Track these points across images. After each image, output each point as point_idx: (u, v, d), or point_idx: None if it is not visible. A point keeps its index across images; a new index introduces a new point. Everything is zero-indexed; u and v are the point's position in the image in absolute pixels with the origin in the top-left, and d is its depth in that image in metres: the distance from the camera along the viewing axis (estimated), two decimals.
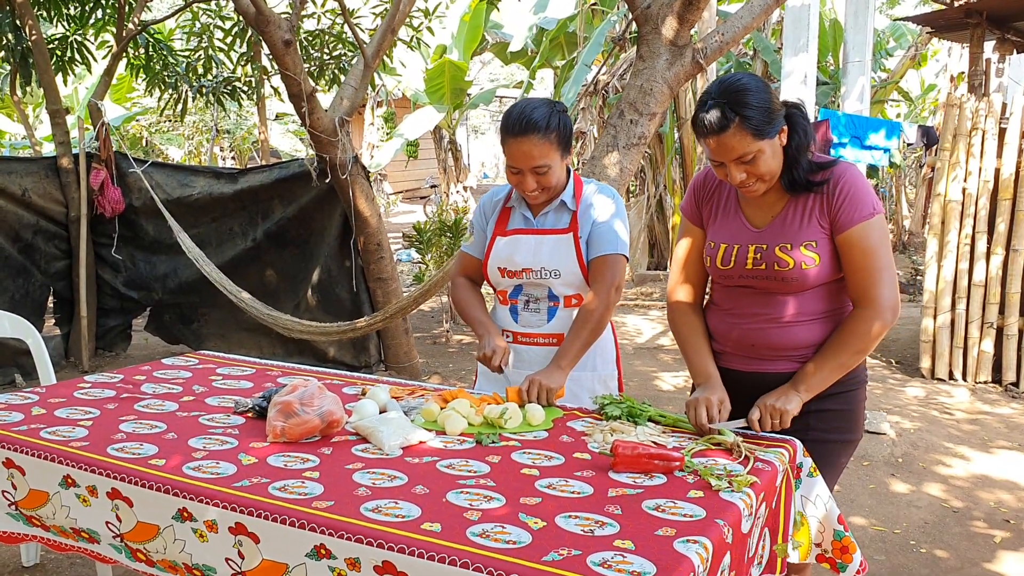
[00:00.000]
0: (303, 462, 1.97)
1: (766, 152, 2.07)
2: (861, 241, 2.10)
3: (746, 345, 2.27)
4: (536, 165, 2.44)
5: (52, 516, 2.06)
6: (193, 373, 2.90)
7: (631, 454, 1.89)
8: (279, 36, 5.36)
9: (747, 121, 2.02)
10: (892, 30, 15.38)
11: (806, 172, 2.14)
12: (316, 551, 1.63)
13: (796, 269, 2.14)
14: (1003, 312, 6.21)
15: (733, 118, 2.02)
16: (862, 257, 2.10)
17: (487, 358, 2.49)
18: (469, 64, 15.91)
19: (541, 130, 2.40)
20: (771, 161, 2.09)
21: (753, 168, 2.08)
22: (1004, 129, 6.12)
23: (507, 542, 1.53)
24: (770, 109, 2.06)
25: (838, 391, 2.23)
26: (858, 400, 2.30)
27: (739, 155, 2.06)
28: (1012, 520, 3.97)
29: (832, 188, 2.13)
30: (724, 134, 2.04)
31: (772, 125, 2.06)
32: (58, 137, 6.83)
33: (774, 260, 2.16)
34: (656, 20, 4.17)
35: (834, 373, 2.16)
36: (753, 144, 2.04)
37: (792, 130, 2.13)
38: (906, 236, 13.75)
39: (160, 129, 18.44)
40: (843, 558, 2.10)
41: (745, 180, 2.11)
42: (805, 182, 2.14)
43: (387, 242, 6.36)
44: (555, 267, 2.55)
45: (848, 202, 2.10)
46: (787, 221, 2.18)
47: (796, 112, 2.16)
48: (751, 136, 2.03)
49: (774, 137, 2.08)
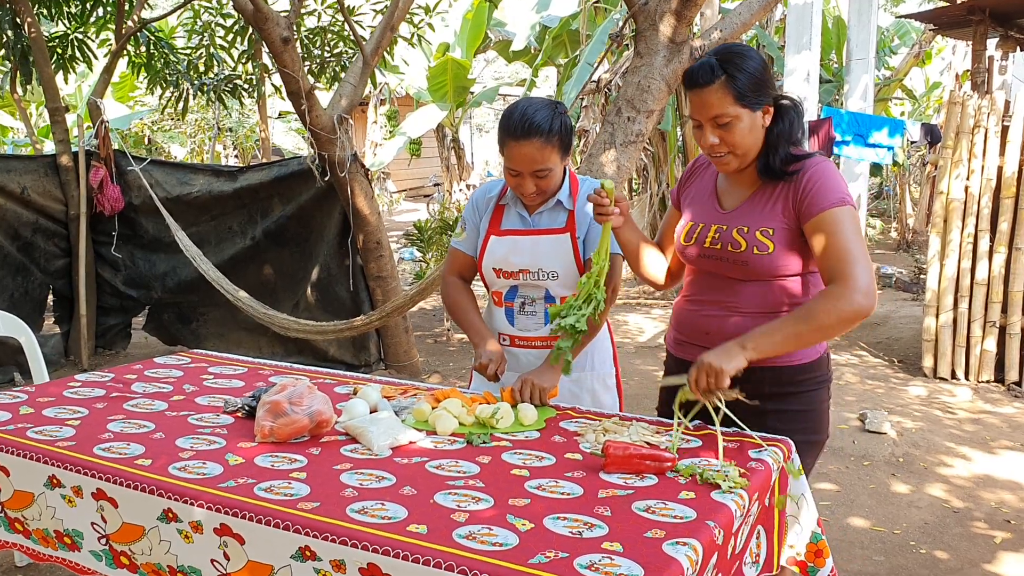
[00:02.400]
0: (290, 462, 1.95)
1: (743, 121, 2.08)
2: (830, 225, 2.05)
3: (701, 332, 2.25)
4: (537, 169, 2.39)
5: (38, 517, 2.04)
6: (185, 372, 2.88)
7: (622, 455, 1.87)
8: (278, 34, 5.34)
9: (732, 81, 2.04)
10: (896, 27, 15.34)
11: (782, 161, 2.13)
12: (301, 553, 1.61)
13: (747, 252, 2.13)
14: (1006, 311, 6.17)
15: (720, 74, 2.05)
16: (833, 239, 2.04)
17: (483, 367, 2.44)
18: (472, 62, 15.89)
19: (543, 133, 2.35)
20: (747, 134, 2.10)
21: (727, 134, 2.09)
22: (1007, 127, 6.08)
23: (493, 544, 1.51)
24: (760, 81, 2.07)
25: (798, 390, 2.20)
26: (820, 400, 2.26)
27: (716, 114, 2.08)
28: (1013, 520, 3.94)
29: (800, 178, 2.11)
30: (707, 88, 2.06)
31: (757, 96, 2.07)
32: (57, 135, 6.81)
33: (729, 241, 2.17)
34: (654, 17, 4.14)
35: (788, 341, 2.06)
36: (732, 107, 2.06)
37: (779, 117, 2.14)
38: (910, 234, 13.70)
39: (162, 127, 18.44)
40: (815, 562, 2.06)
41: (717, 146, 2.12)
42: (779, 170, 2.13)
43: (386, 240, 6.34)
44: (553, 268, 2.50)
45: (816, 190, 2.08)
46: (752, 206, 2.18)
47: (789, 104, 2.16)
48: (732, 98, 2.05)
49: (755, 111, 2.09)
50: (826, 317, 2.00)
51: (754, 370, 2.07)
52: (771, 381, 2.17)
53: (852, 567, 3.49)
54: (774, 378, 2.18)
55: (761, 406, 2.12)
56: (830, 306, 2.00)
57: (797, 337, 2.06)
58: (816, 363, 2.23)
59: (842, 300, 1.99)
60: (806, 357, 2.20)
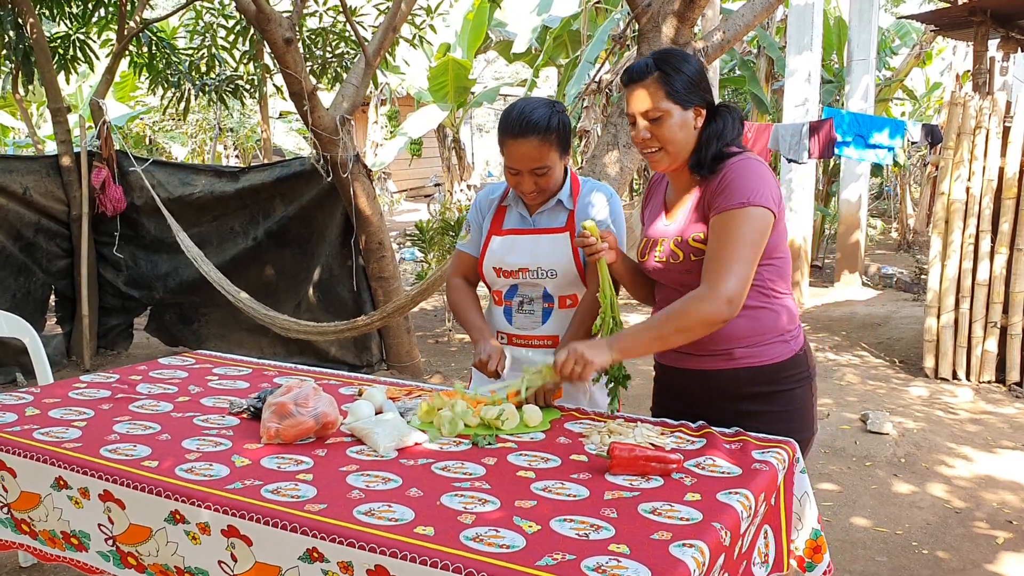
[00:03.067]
0: (297, 464, 1.95)
1: (674, 117, 2.14)
2: (723, 226, 2.08)
3: None
4: (536, 167, 2.41)
5: (44, 519, 2.05)
6: (189, 373, 2.88)
7: (628, 456, 1.87)
8: (280, 34, 5.35)
9: (665, 78, 2.12)
10: (897, 28, 15.34)
11: (713, 158, 2.16)
12: (309, 554, 1.61)
13: (686, 261, 2.18)
14: (1007, 311, 6.18)
15: (653, 71, 2.13)
16: (718, 242, 2.08)
17: (483, 364, 2.46)
18: (473, 62, 15.89)
19: (541, 131, 2.37)
20: (677, 131, 2.15)
21: (657, 129, 2.15)
22: (1008, 128, 6.09)
23: (500, 546, 1.52)
24: (693, 83, 2.14)
25: (777, 389, 2.21)
26: (802, 398, 2.26)
27: (646, 109, 2.14)
28: (1015, 521, 3.95)
29: (716, 178, 2.14)
30: (640, 83, 2.15)
31: (688, 96, 2.14)
32: (59, 136, 6.82)
33: (669, 254, 2.22)
34: (657, 18, 4.15)
35: (652, 343, 2.16)
36: (663, 102, 2.13)
37: (712, 119, 2.18)
38: (910, 235, 13.71)
39: (163, 127, 18.45)
40: (813, 557, 2.07)
41: (648, 141, 2.17)
42: (708, 165, 2.17)
43: (388, 241, 6.35)
44: (551, 267, 2.52)
45: (725, 189, 2.10)
46: (688, 215, 2.22)
47: (726, 111, 2.21)
48: (663, 93, 2.12)
49: (687, 109, 2.14)
50: (685, 320, 2.07)
51: (730, 371, 2.18)
52: (747, 381, 2.20)
53: (855, 567, 3.50)
54: (750, 378, 2.20)
55: (743, 407, 2.18)
56: (693, 308, 2.06)
57: (660, 340, 2.15)
58: (792, 360, 2.23)
59: (705, 303, 2.04)
60: (780, 356, 2.21)
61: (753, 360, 2.19)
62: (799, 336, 2.28)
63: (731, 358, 2.20)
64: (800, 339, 2.28)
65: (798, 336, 2.27)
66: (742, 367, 2.19)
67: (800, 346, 2.27)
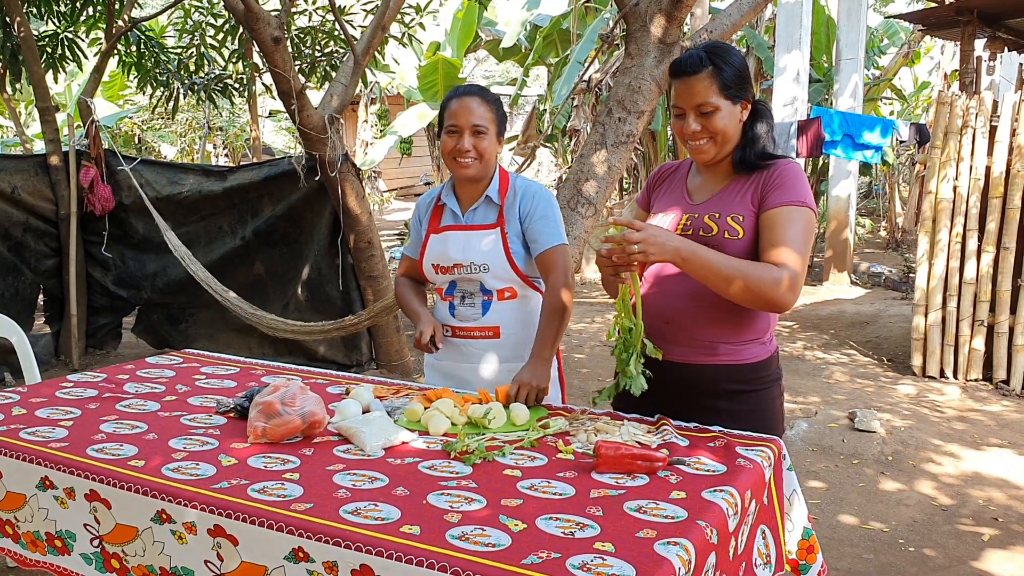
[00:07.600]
0: (283, 463, 1.95)
1: (723, 111, 2.17)
2: (786, 218, 2.12)
3: (661, 322, 2.26)
4: (476, 123, 2.52)
5: (30, 519, 2.04)
6: (177, 372, 2.88)
7: (614, 454, 1.88)
8: (268, 33, 5.34)
9: (719, 72, 2.14)
10: (885, 27, 15.40)
11: (758, 155, 2.22)
12: (294, 554, 1.61)
13: (718, 236, 2.18)
14: (994, 310, 6.22)
15: (708, 65, 2.15)
16: (783, 230, 2.11)
17: (421, 343, 2.58)
18: (463, 61, 15.88)
19: (484, 95, 2.57)
20: (728, 124, 2.18)
21: (708, 123, 2.18)
22: (995, 127, 6.12)
23: (486, 545, 1.52)
24: (743, 76, 2.19)
25: (748, 389, 2.24)
26: (770, 399, 2.30)
27: (700, 102, 2.16)
28: (1000, 518, 3.97)
29: (771, 171, 2.20)
30: (694, 76, 2.15)
31: (739, 90, 2.18)
32: (47, 135, 6.79)
33: (700, 226, 2.23)
34: (644, 18, 4.16)
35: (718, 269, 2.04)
36: (716, 97, 2.15)
37: (756, 117, 2.23)
38: (899, 233, 13.77)
39: (152, 126, 18.38)
40: (807, 558, 2.08)
41: (698, 133, 2.19)
42: (752, 163, 2.21)
43: (378, 239, 6.34)
44: (484, 262, 2.61)
45: (782, 185, 2.16)
46: (723, 196, 2.25)
47: (764, 107, 2.27)
48: (717, 88, 2.15)
49: (736, 104, 2.18)
50: (758, 281, 2.04)
51: (710, 367, 2.21)
52: (726, 379, 2.23)
53: (842, 565, 3.52)
54: (728, 376, 2.23)
55: (716, 404, 2.21)
56: (767, 275, 2.06)
57: (725, 277, 2.04)
58: (766, 362, 2.28)
59: (777, 280, 2.05)
60: (757, 356, 2.25)
61: (734, 358, 2.23)
62: (773, 338, 2.34)
63: (714, 353, 2.23)
64: (774, 341, 2.35)
65: (773, 338, 2.34)
66: (723, 364, 2.23)
67: (775, 348, 2.33)
